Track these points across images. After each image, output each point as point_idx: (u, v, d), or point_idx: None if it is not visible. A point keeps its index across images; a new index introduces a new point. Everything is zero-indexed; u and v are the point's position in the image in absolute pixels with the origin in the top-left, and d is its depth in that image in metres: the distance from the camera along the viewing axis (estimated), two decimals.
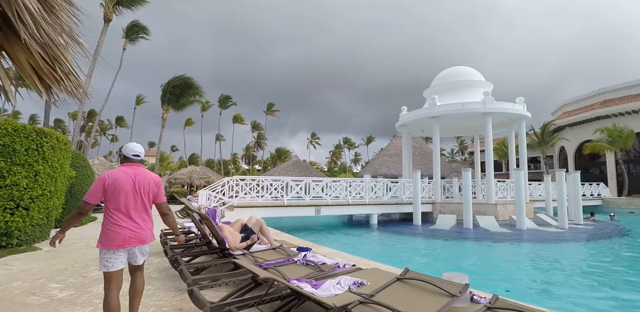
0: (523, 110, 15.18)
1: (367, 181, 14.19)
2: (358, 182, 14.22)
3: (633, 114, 26.84)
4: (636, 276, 6.74)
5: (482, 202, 14.61)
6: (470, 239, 10.90)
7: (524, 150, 16.01)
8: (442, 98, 15.89)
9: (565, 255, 8.90)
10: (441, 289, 2.46)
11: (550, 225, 13.77)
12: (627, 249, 9.83)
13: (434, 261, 8.11)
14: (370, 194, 14.10)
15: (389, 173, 32.28)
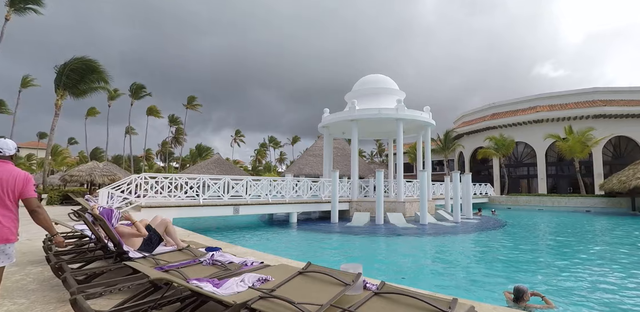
0: (429, 119, 17.03)
1: (288, 180, 14.36)
2: (279, 181, 14.30)
3: (515, 126, 32.18)
4: (507, 257, 8.15)
5: (392, 200, 15.96)
6: (380, 234, 11.82)
7: (428, 154, 17.98)
8: (361, 102, 16.92)
9: (457, 244, 10.28)
10: (336, 279, 2.66)
11: (448, 220, 15.70)
12: (504, 236, 11.77)
13: (346, 255, 8.60)
14: (291, 193, 14.30)
15: (313, 173, 33.07)
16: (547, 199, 24.52)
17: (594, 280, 6.19)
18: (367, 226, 13.75)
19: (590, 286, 5.79)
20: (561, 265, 7.54)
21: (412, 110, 16.36)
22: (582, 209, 22.74)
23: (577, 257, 8.57)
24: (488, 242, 10.96)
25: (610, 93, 30.03)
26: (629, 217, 19.19)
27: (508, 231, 13.17)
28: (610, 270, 6.99)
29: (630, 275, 6.54)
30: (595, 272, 6.83)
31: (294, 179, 14.97)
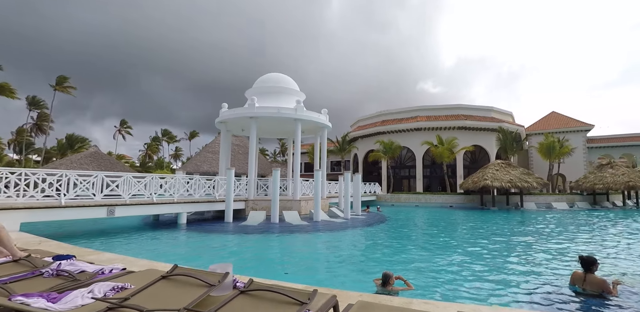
0: (326, 121, 17.94)
1: (178, 178, 13.29)
2: (168, 179, 13.12)
3: (400, 132, 36.42)
4: (385, 247, 9.11)
5: (289, 199, 16.27)
6: (274, 232, 11.91)
7: (324, 155, 18.94)
8: (261, 100, 16.79)
9: (343, 239, 11.05)
10: (202, 280, 2.54)
11: (339, 216, 16.79)
12: (384, 230, 13.16)
13: (237, 255, 8.38)
14: (181, 192, 13.27)
15: (211, 170, 31.42)
16: (421, 197, 28.48)
17: (448, 263, 7.40)
18: (262, 224, 13.69)
19: (443, 268, 6.90)
20: (424, 252, 8.82)
21: (311, 112, 16.99)
22: (447, 204, 27.11)
23: (438, 244, 10.15)
24: (370, 235, 12.11)
25: (470, 109, 36.60)
26: (478, 210, 23.71)
27: (388, 225, 14.80)
28: (460, 254, 8.47)
29: (476, 258, 8.03)
30: (449, 256, 8.18)
31: (186, 177, 13.93)
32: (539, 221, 16.63)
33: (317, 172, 15.21)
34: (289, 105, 16.72)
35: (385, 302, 3.29)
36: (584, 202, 26.76)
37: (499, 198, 26.26)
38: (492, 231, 13.36)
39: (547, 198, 26.39)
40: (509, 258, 8.05)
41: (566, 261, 7.49)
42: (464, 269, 6.79)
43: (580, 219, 17.40)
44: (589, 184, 26.56)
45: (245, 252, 8.82)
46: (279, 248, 9.46)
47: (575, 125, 46.56)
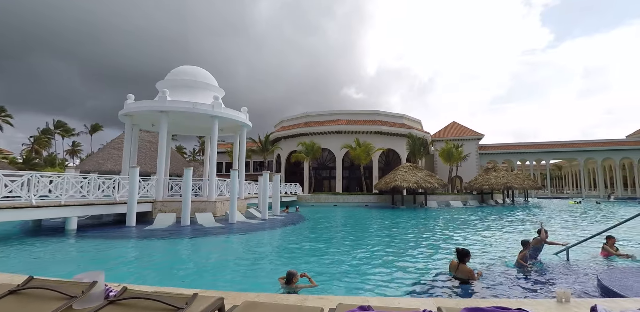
0: (245, 119, 17.49)
1: (67, 177, 11.51)
2: (55, 177, 11.29)
3: (322, 134, 37.45)
4: (298, 246, 9.19)
5: (203, 200, 15.41)
6: (184, 235, 11.13)
7: (243, 154, 18.45)
8: (175, 94, 15.61)
9: (257, 240, 10.85)
10: (62, 293, 2.19)
11: (257, 217, 16.48)
12: (300, 229, 13.31)
13: (132, 263, 7.57)
14: (71, 193, 11.53)
15: (116, 169, 28.13)
16: (339, 197, 29.72)
17: (352, 258, 7.79)
18: (171, 228, 12.67)
19: (348, 264, 7.24)
20: (333, 249, 9.16)
21: (229, 109, 16.37)
22: (363, 204, 28.76)
23: (346, 241, 10.65)
24: (285, 235, 12.13)
25: (385, 116, 39.50)
26: (389, 209, 25.63)
27: (304, 225, 15.04)
28: (364, 250, 9.01)
29: (377, 253, 8.61)
30: (354, 252, 8.64)
31: (78, 176, 12.16)
32: (435, 217, 18.73)
33: (233, 172, 14.70)
34: (205, 101, 15.84)
35: (280, 301, 3.29)
36: (474, 200, 31.00)
37: (408, 197, 28.83)
38: (395, 226, 14.57)
39: (446, 197, 29.90)
40: (405, 251, 8.85)
41: (450, 251, 8.54)
42: (365, 264, 7.24)
43: (470, 215, 20.10)
44: (478, 185, 30.90)
45: (143, 259, 8.03)
46: (183, 253, 8.85)
47: (470, 134, 53.68)
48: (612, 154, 49.15)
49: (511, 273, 6.29)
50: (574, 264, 7.06)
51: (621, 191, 51.11)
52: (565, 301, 3.58)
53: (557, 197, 48.80)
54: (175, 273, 6.42)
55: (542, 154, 52.60)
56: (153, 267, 7.05)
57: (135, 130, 17.24)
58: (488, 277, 6.11)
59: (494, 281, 5.77)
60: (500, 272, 6.46)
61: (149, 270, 6.77)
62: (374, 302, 3.27)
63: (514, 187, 29.77)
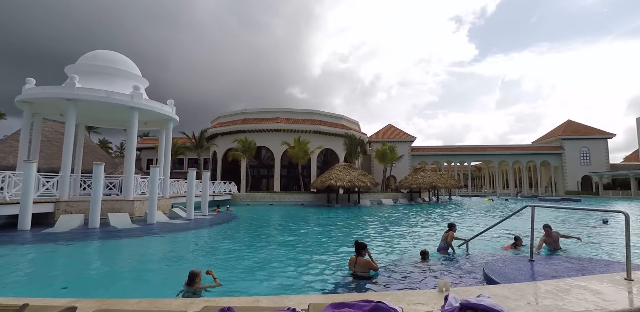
0: (171, 113, 16.32)
1: None
2: None
3: (260, 132, 36.66)
4: (218, 248, 8.71)
5: (119, 199, 14.00)
6: (87, 239, 9.93)
7: (168, 150, 17.21)
8: (88, 81, 13.95)
9: (175, 241, 10.10)
10: None
11: (182, 217, 15.45)
12: (227, 229, 12.73)
13: (15, 274, 6.47)
14: None
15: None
16: (275, 196, 29.34)
17: (267, 256, 7.60)
18: (75, 230, 11.25)
19: (258, 262, 7.03)
20: (251, 249, 8.88)
21: (152, 101, 15.11)
22: (299, 202, 28.73)
23: (269, 240, 10.43)
24: (205, 236, 11.48)
25: (325, 116, 40.08)
26: (325, 207, 25.95)
27: (231, 224, 14.45)
28: (284, 248, 8.87)
29: (296, 250, 8.52)
30: (273, 250, 8.45)
31: None
32: (364, 214, 19.42)
33: (153, 169, 13.55)
34: (124, 90, 14.39)
35: (160, 307, 2.95)
36: (404, 198, 32.89)
37: (343, 196, 29.53)
38: (324, 224, 14.75)
39: (379, 195, 31.26)
40: (322, 248, 8.92)
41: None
42: (278, 262, 7.10)
43: (393, 212, 21.21)
44: (408, 184, 32.85)
45: (27, 267, 6.94)
46: (78, 259, 7.83)
47: (404, 137, 57.01)
48: (520, 157, 55.89)
49: (419, 266, 6.62)
50: (476, 256, 7.69)
51: (527, 190, 58.47)
52: (445, 290, 3.80)
53: (476, 195, 53.99)
54: (53, 282, 5.59)
55: (464, 156, 57.84)
56: (30, 275, 6.10)
57: (38, 120, 15.03)
58: (396, 270, 6.36)
59: (400, 274, 6.00)
60: (408, 264, 6.78)
61: (25, 278, 5.83)
62: (264, 301, 3.12)
63: (438, 186, 32.19)
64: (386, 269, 6.45)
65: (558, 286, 4.04)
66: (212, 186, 26.13)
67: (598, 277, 4.55)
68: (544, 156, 54.95)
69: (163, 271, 6.47)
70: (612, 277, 4.58)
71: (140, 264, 7.10)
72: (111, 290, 5.13)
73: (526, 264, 5.91)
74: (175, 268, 6.64)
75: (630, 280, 4.27)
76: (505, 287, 3.93)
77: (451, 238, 7.86)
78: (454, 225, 8.26)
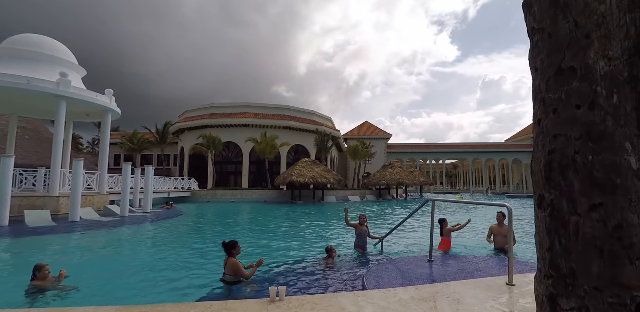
0: (110, 104, 15.31)
1: None
2: None
3: (228, 127, 35.61)
4: (120, 247, 7.96)
5: (39, 195, 12.98)
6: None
7: (106, 143, 16.16)
8: (9, 66, 12.83)
9: (76, 241, 9.24)
10: None
11: (116, 214, 14.52)
12: (159, 228, 11.94)
13: None
14: None
15: None
16: (237, 192, 28.48)
17: (174, 260, 6.91)
18: None
19: (154, 267, 6.34)
20: (155, 250, 8.17)
21: (83, 90, 14.07)
22: (262, 199, 27.97)
23: (189, 241, 9.74)
24: (122, 234, 10.66)
25: (295, 111, 39.32)
26: (287, 204, 25.30)
27: (168, 223, 13.61)
28: (195, 249, 8.20)
29: (206, 252, 7.85)
30: (185, 253, 7.77)
31: None
32: (316, 210, 18.91)
33: (76, 162, 12.55)
34: (52, 77, 13.32)
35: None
36: (372, 195, 32.61)
37: (308, 193, 28.91)
38: (271, 222, 14.14)
39: (345, 192, 30.85)
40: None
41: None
42: (179, 265, 6.45)
43: (355, 208, 20.78)
44: (376, 180, 32.58)
45: None
46: None
47: (379, 134, 56.89)
48: (493, 155, 56.67)
49: (320, 264, 6.06)
50: (388, 255, 7.21)
51: (499, 187, 59.40)
52: (279, 299, 3.24)
53: (449, 192, 54.48)
54: None
55: (439, 154, 58.23)
56: None
57: None
58: (289, 268, 5.79)
59: (289, 275, 5.41)
60: (311, 263, 6.23)
61: None
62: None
63: (406, 183, 32.05)
64: (278, 267, 5.89)
65: (426, 291, 3.57)
66: (169, 182, 25.12)
67: (478, 282, 4.12)
68: (516, 154, 55.87)
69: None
70: (494, 281, 4.15)
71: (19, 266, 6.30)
72: None
73: (419, 266, 5.44)
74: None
75: (511, 285, 3.85)
76: (361, 294, 3.42)
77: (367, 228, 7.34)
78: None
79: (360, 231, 7.31)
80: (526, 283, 3.89)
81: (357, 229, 7.37)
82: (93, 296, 4.57)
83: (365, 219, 7.43)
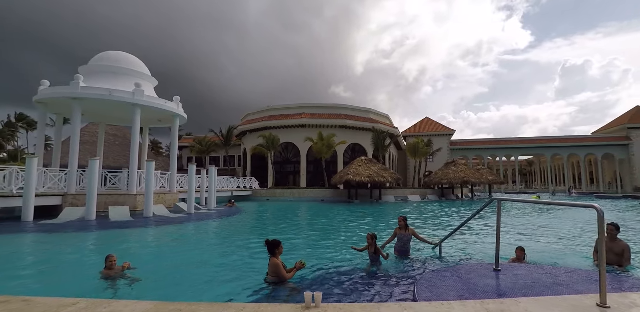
0: (176, 109, 16.58)
1: None
2: None
3: (286, 128, 36.57)
4: (175, 241, 8.52)
5: (122, 193, 14.53)
6: (80, 230, 10.32)
7: (175, 145, 17.56)
8: (94, 80, 14.62)
9: (138, 235, 10.09)
10: None
11: (183, 211, 15.68)
12: (221, 224, 12.61)
13: None
14: None
15: (80, 162, 26.80)
16: (295, 191, 29.06)
17: (218, 256, 7.14)
18: (71, 222, 11.78)
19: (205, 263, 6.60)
20: (209, 246, 8.49)
21: (154, 98, 15.44)
22: (319, 198, 28.17)
23: (244, 237, 10.02)
24: (184, 230, 11.40)
25: (351, 110, 38.92)
26: (343, 203, 25.12)
27: (229, 220, 14.29)
28: (250, 247, 8.38)
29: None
30: (235, 250, 7.99)
31: None
32: (374, 210, 18.32)
33: (147, 163, 13.82)
34: (128, 88, 14.86)
35: None
36: (434, 195, 30.87)
37: (365, 192, 28.38)
38: (324, 221, 14.04)
39: (405, 191, 29.64)
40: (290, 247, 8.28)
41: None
42: (227, 263, 6.62)
43: (415, 208, 19.78)
44: (438, 179, 30.75)
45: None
46: (46, 249, 8.03)
47: (441, 130, 53.85)
48: (577, 150, 50.02)
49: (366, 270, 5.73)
50: (445, 260, 6.58)
51: (586, 186, 52.17)
52: (315, 306, 3.03)
53: (524, 192, 49.39)
54: None
55: (510, 149, 53.17)
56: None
57: (56, 119, 16.19)
58: (332, 272, 5.55)
59: (331, 280, 5.16)
60: (361, 268, 5.91)
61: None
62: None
63: (471, 181, 29.72)
64: (322, 269, 5.68)
65: (489, 307, 3.01)
66: (232, 182, 26.54)
67: (558, 300, 3.39)
68: (607, 148, 48.56)
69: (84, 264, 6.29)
70: (581, 300, 3.38)
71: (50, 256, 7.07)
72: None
73: (482, 275, 4.76)
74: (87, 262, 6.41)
75: (603, 307, 3.04)
76: (408, 307, 3.04)
77: (412, 232, 6.65)
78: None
79: (399, 234, 6.70)
80: (626, 306, 3.05)
81: (394, 234, 6.77)
82: (147, 289, 4.80)
83: (404, 222, 6.66)
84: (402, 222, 6.65)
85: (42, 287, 4.96)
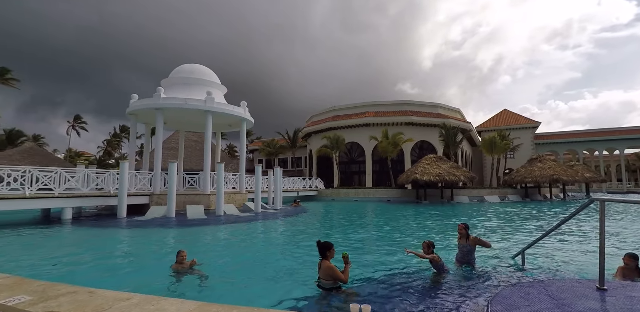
0: (244, 114, 17.47)
1: (60, 171, 12.50)
2: (47, 172, 12.33)
3: (350, 128, 36.33)
4: (241, 237, 8.84)
5: (197, 193, 15.77)
6: (162, 227, 11.43)
7: (243, 147, 18.50)
8: (173, 91, 16.15)
9: (212, 232, 10.70)
10: None
11: (251, 211, 16.42)
12: (286, 223, 12.90)
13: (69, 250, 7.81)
14: (64, 186, 12.54)
15: (164, 167, 30.48)
16: (360, 191, 28.57)
17: (280, 259, 7.17)
18: (157, 219, 13.12)
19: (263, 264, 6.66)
20: (273, 246, 8.57)
21: (223, 104, 16.47)
22: (385, 199, 27.29)
23: (306, 239, 9.98)
24: (257, 228, 11.82)
25: (417, 105, 37.05)
26: (411, 204, 23.92)
27: (294, 219, 14.51)
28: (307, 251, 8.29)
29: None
30: (295, 253, 7.98)
31: (69, 170, 13.15)
32: (442, 212, 16.94)
33: (218, 165, 14.73)
34: (201, 97, 16.10)
35: None
36: (515, 195, 27.67)
37: (434, 192, 26.67)
38: (388, 223, 13.40)
39: (481, 191, 27.10)
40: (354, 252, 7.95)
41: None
42: (289, 267, 6.60)
43: (489, 210, 17.87)
44: (520, 177, 27.50)
45: (84, 246, 8.28)
46: (127, 243, 8.97)
47: (523, 123, 48.34)
48: None
49: (430, 279, 5.16)
50: (530, 272, 5.62)
51: None
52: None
53: (633, 191, 41.63)
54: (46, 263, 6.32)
55: (614, 142, 45.40)
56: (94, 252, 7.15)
57: (149, 128, 18.43)
58: (390, 281, 5.09)
59: (389, 288, 4.72)
60: (419, 277, 5.36)
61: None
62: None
63: (562, 179, 25.92)
64: (380, 278, 5.25)
65: None
66: (298, 182, 27.16)
67: None
68: None
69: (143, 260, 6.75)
70: None
71: (141, 253, 7.66)
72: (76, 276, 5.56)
73: (580, 295, 3.83)
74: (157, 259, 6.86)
75: None
76: None
77: (474, 242, 5.76)
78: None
79: (460, 245, 5.84)
80: None
81: (459, 242, 5.92)
82: (207, 287, 4.93)
83: (465, 230, 5.78)
84: (463, 231, 5.80)
85: (126, 275, 5.48)
